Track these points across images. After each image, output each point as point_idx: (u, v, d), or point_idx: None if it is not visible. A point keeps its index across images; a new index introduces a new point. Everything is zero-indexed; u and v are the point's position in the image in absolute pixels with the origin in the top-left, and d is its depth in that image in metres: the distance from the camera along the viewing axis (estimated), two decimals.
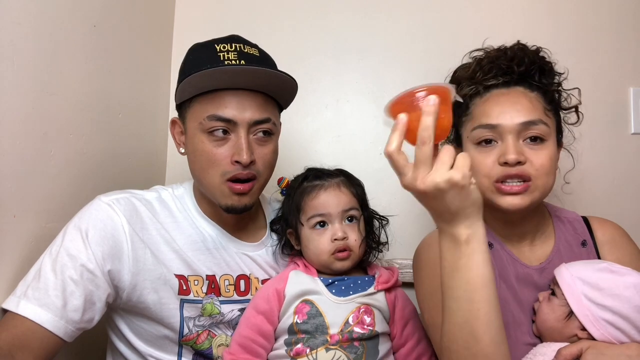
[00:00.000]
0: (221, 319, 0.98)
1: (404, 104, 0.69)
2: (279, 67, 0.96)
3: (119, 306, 0.94)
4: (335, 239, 0.95)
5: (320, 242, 0.97)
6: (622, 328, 0.82)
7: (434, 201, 0.69)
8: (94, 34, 1.13)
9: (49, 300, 0.83)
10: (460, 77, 1.02)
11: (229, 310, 0.99)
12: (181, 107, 0.99)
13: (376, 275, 0.99)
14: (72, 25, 1.05)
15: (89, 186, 1.11)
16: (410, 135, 0.69)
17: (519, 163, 0.89)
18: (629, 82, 1.50)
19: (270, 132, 0.96)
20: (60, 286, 0.84)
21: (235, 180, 0.93)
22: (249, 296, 1.01)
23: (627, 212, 1.47)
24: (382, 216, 1.07)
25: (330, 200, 0.98)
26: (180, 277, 0.95)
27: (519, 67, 0.95)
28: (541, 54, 1.00)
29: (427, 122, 0.66)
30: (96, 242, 0.88)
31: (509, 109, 0.92)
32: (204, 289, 0.97)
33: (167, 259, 0.94)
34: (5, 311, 0.84)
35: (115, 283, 0.90)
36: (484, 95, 0.97)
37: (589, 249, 1.00)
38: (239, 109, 0.92)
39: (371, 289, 0.97)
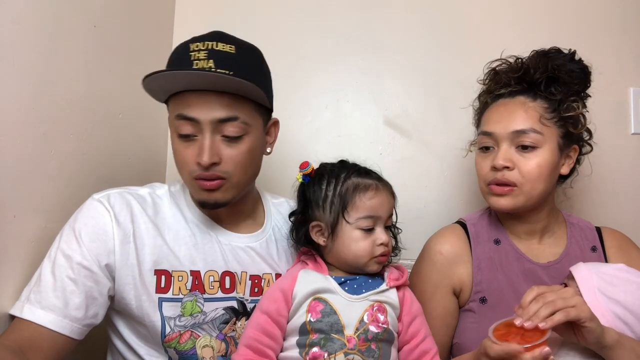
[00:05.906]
0: (203, 318, 0.97)
1: (512, 328, 0.82)
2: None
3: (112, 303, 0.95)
4: (382, 243, 0.94)
5: (363, 244, 0.94)
6: (629, 323, 0.89)
7: None
8: (94, 34, 1.13)
9: (49, 302, 0.86)
10: (480, 91, 1.15)
11: (212, 309, 0.98)
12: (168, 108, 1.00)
13: (387, 273, 0.98)
14: (72, 25, 1.05)
15: (89, 186, 1.10)
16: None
17: (506, 168, 1.00)
18: (629, 82, 1.51)
19: (239, 132, 0.93)
20: (60, 287, 0.87)
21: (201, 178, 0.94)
22: (233, 294, 1.00)
23: (628, 212, 1.47)
24: (396, 226, 1.03)
25: (384, 203, 0.96)
26: (162, 272, 0.95)
27: (522, 79, 1.04)
28: (564, 58, 1.07)
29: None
30: (90, 239, 0.90)
31: (504, 118, 1.03)
32: (188, 285, 0.96)
33: (150, 254, 0.94)
34: (13, 317, 0.87)
35: (114, 275, 0.92)
36: (492, 105, 1.08)
37: (599, 254, 1.09)
38: (202, 109, 0.91)
39: (383, 286, 0.95)
